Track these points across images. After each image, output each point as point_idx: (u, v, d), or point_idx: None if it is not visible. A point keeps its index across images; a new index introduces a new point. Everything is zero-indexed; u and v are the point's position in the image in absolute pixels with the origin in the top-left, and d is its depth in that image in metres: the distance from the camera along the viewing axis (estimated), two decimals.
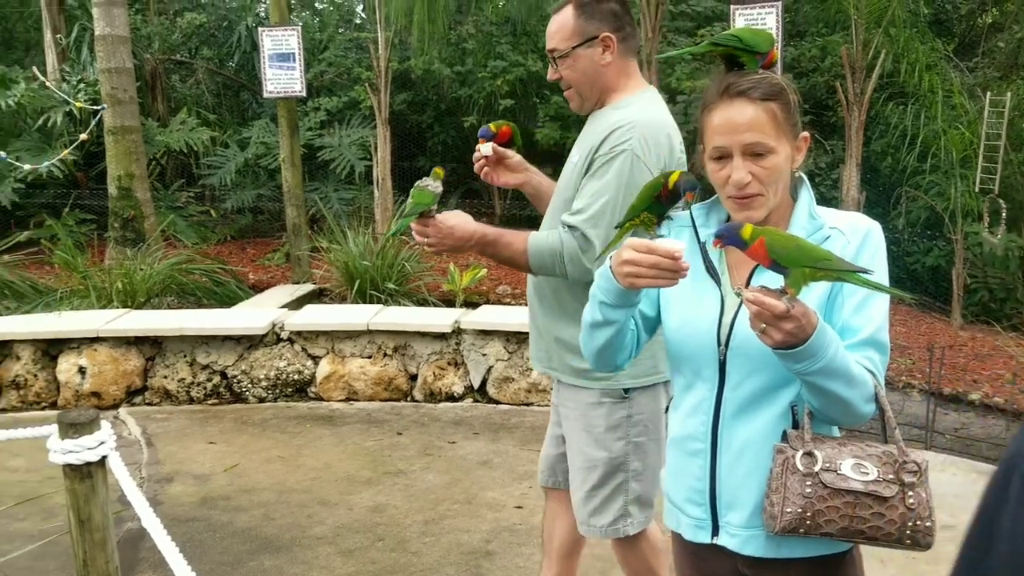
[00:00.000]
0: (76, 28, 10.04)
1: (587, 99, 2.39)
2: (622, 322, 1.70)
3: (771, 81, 1.62)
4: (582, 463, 2.44)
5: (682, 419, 1.76)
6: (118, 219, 7.94)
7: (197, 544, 3.80)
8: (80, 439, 2.23)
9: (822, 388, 1.51)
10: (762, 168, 1.60)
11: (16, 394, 5.68)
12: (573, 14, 2.33)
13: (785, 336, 1.43)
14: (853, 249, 1.63)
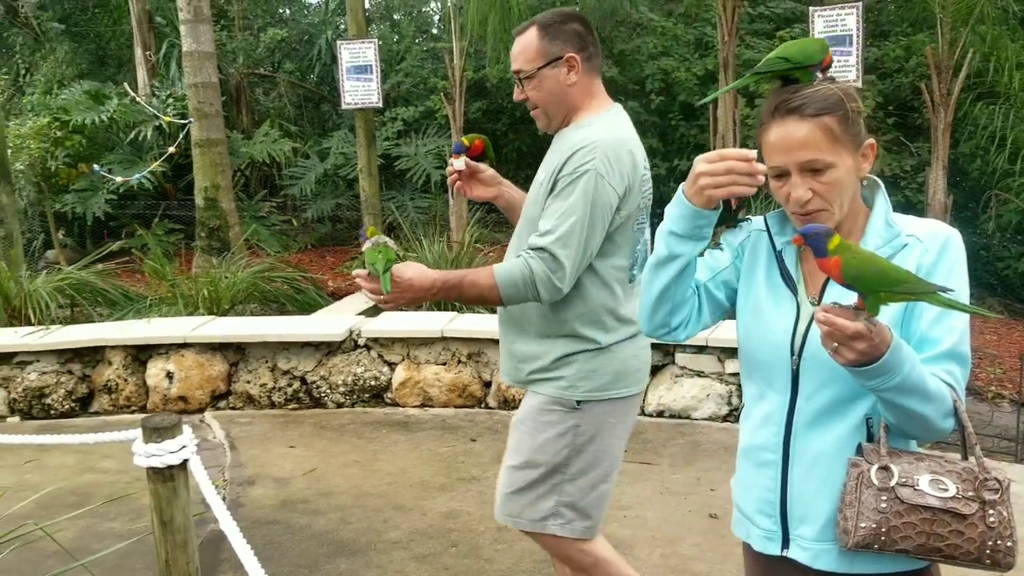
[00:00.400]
0: (165, 45, 10.43)
1: (553, 118, 2.45)
2: (688, 257, 1.66)
3: (825, 94, 1.58)
4: (521, 464, 2.47)
5: (753, 429, 1.73)
6: (204, 229, 8.22)
7: (276, 546, 3.89)
8: (163, 443, 2.32)
9: (897, 404, 1.47)
10: (822, 184, 1.57)
11: (108, 398, 5.92)
12: (537, 35, 2.38)
13: (857, 355, 1.40)
14: (932, 258, 1.58)
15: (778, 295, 1.70)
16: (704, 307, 1.79)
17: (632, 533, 3.88)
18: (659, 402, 5.39)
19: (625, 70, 10.03)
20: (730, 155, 1.53)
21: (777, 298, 1.69)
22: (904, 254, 1.60)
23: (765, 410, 1.70)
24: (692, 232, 1.64)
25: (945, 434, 1.55)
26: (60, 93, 10.06)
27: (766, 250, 1.74)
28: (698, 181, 1.56)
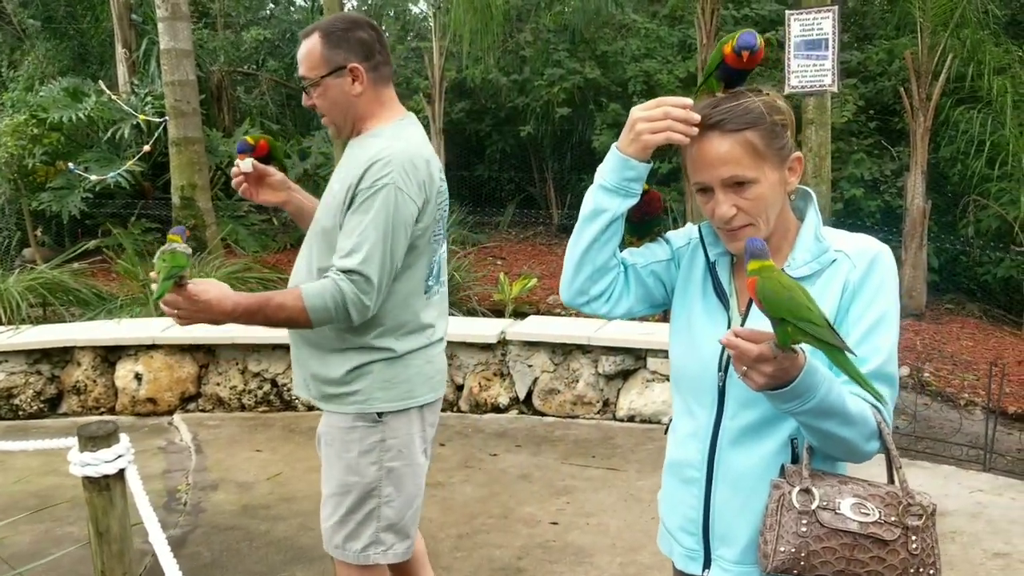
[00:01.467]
0: (145, 42, 10.35)
1: (342, 127, 2.40)
2: (613, 213, 1.61)
3: (747, 107, 1.54)
4: (336, 488, 2.40)
5: (678, 444, 1.70)
6: None
7: (234, 552, 3.84)
8: (98, 452, 2.27)
9: (815, 427, 1.44)
10: (746, 200, 1.53)
11: (77, 399, 5.86)
12: (320, 43, 2.30)
13: (767, 379, 1.36)
14: (859, 275, 1.55)
15: (710, 308, 1.66)
16: (631, 289, 1.73)
17: (593, 541, 3.84)
18: (630, 407, 5.36)
19: (607, 72, 10.00)
20: (667, 101, 1.53)
21: (709, 311, 1.66)
22: (832, 270, 1.57)
23: (691, 426, 1.66)
24: (620, 185, 1.60)
25: (869, 456, 1.52)
26: (40, 90, 9.97)
27: (702, 261, 1.71)
28: (635, 127, 1.54)
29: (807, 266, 1.57)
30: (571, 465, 4.72)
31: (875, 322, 1.52)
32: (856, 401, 1.47)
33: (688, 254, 1.74)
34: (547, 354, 5.57)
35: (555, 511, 4.16)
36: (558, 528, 3.98)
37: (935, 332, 6.97)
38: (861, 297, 1.53)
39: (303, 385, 2.47)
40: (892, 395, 1.54)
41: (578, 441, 5.10)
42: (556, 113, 9.90)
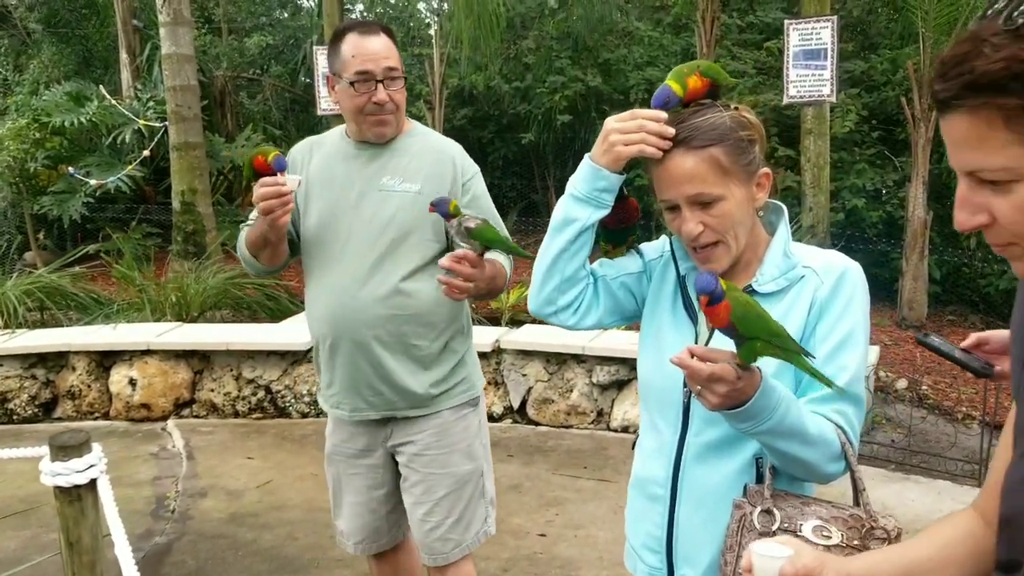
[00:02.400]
0: (148, 47, 10.38)
1: (400, 123, 2.45)
2: (583, 223, 1.60)
3: (713, 123, 1.51)
4: (452, 485, 2.48)
5: (644, 460, 1.68)
6: (181, 233, 8.16)
7: (219, 561, 3.83)
8: (69, 462, 2.25)
9: (774, 447, 1.42)
10: (712, 217, 1.51)
11: (71, 404, 5.86)
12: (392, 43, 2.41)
13: (721, 399, 1.34)
14: (826, 292, 1.52)
15: (678, 323, 1.64)
16: (600, 301, 1.71)
17: (580, 553, 3.81)
18: (624, 417, 5.32)
19: (610, 79, 9.98)
20: (641, 114, 1.52)
21: (677, 326, 1.64)
22: (800, 286, 1.55)
23: (656, 441, 1.64)
24: (591, 196, 1.59)
25: (833, 478, 1.49)
26: (43, 94, 10.01)
27: (672, 275, 1.69)
28: (608, 138, 1.54)
29: (774, 282, 1.55)
30: (562, 476, 4.68)
31: (842, 340, 1.50)
32: (818, 422, 1.44)
33: (660, 267, 1.72)
34: (541, 363, 5.54)
35: (544, 523, 4.12)
36: (546, 540, 3.95)
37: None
38: (828, 314, 1.51)
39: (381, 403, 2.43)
40: (859, 414, 1.52)
41: (571, 451, 5.06)
42: (558, 120, 9.88)
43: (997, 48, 0.85)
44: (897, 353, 6.46)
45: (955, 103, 0.89)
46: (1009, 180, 0.87)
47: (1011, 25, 0.84)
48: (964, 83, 0.87)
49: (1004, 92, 0.85)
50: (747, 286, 1.56)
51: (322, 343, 2.45)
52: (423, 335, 2.41)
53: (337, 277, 2.39)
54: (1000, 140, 0.86)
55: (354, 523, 2.61)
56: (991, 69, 0.85)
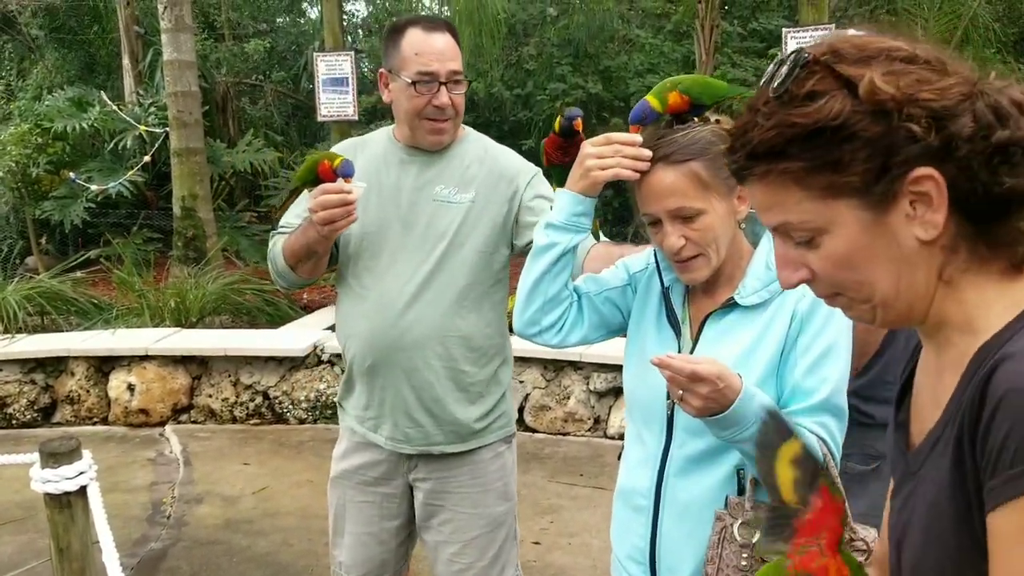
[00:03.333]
0: (151, 53, 10.42)
1: (456, 131, 2.26)
2: (563, 247, 1.64)
3: (694, 138, 1.53)
4: (485, 526, 2.31)
5: (628, 471, 1.69)
6: (181, 238, 8.18)
7: (214, 568, 3.83)
8: (59, 468, 2.26)
9: (753, 457, 1.42)
10: (694, 230, 1.53)
11: (70, 409, 5.87)
12: (455, 41, 2.22)
13: (704, 401, 1.36)
14: (807, 303, 1.53)
15: (662, 335, 1.65)
16: (584, 318, 1.73)
17: (573, 561, 3.81)
18: (621, 425, 5.32)
19: (610, 86, 10.00)
20: (616, 138, 1.56)
21: (661, 338, 1.65)
22: (782, 298, 1.55)
23: (641, 453, 1.65)
24: (569, 222, 1.63)
25: None
26: (46, 100, 10.04)
27: (657, 287, 1.70)
28: (584, 163, 1.58)
29: (756, 295, 1.56)
30: (558, 484, 4.68)
31: (823, 352, 1.51)
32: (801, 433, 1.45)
33: (645, 279, 1.73)
34: (539, 370, 5.55)
35: (539, 531, 4.13)
36: (540, 548, 3.95)
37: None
38: (810, 326, 1.52)
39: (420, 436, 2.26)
40: (841, 427, 1.52)
41: (567, 459, 5.07)
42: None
43: (768, 116, 0.88)
44: None
45: (745, 173, 0.93)
46: (812, 235, 0.90)
47: (776, 93, 0.87)
48: (746, 154, 0.91)
49: (783, 157, 0.88)
50: (729, 299, 1.57)
51: (358, 363, 2.26)
52: (473, 360, 2.23)
53: (382, 293, 2.21)
54: (794, 198, 0.89)
55: (358, 554, 2.39)
56: (765, 138, 0.88)
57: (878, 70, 0.85)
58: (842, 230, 0.88)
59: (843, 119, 0.85)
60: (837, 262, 0.90)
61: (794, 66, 0.88)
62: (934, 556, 0.88)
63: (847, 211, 0.88)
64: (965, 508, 0.82)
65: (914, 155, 0.84)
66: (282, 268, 2.26)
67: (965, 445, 0.82)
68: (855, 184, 0.86)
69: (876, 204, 0.87)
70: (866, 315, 0.93)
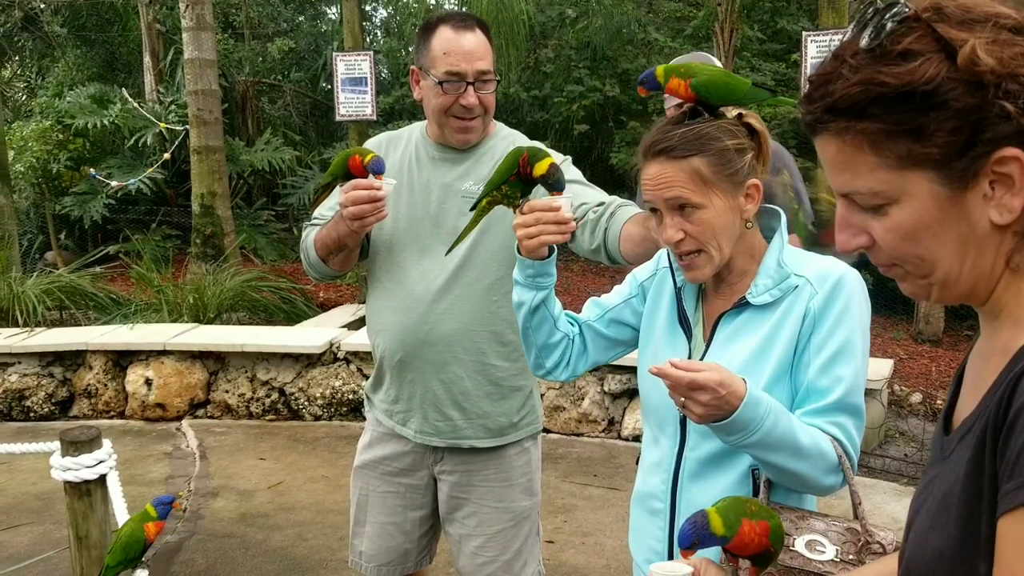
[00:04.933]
0: (172, 51, 10.51)
1: (486, 128, 2.25)
2: (530, 304, 1.68)
3: (697, 133, 1.52)
4: (508, 521, 2.32)
5: (645, 475, 1.69)
6: (199, 235, 8.24)
7: (228, 561, 3.86)
8: (79, 457, 2.29)
9: (765, 460, 1.42)
10: (692, 224, 1.52)
11: (88, 402, 5.92)
12: (486, 38, 2.21)
13: (706, 409, 1.35)
14: (820, 301, 1.51)
15: (674, 337, 1.65)
16: (589, 347, 1.75)
17: (587, 560, 3.81)
18: (635, 426, 5.32)
19: (628, 89, 9.99)
20: (537, 206, 1.62)
21: (673, 340, 1.64)
22: (794, 296, 1.54)
23: (656, 456, 1.65)
24: (527, 281, 1.68)
25: (830, 490, 1.48)
26: (67, 96, 10.14)
27: (669, 287, 1.70)
28: (516, 231, 1.62)
29: (768, 293, 1.55)
30: (572, 483, 4.69)
31: (837, 351, 1.49)
32: (812, 433, 1.44)
33: (655, 283, 1.73)
34: None
35: (552, 530, 4.13)
36: (553, 547, 3.95)
37: (952, 359, 6.87)
38: (823, 325, 1.50)
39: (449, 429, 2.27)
40: (858, 426, 1.51)
41: (581, 459, 5.07)
42: (576, 130, 9.91)
43: (855, 70, 0.83)
44: (912, 367, 6.42)
45: (820, 127, 0.87)
46: (881, 204, 0.86)
47: (868, 46, 0.82)
48: (825, 106, 0.85)
49: (864, 116, 0.83)
50: (741, 298, 1.56)
51: (388, 357, 2.27)
52: (504, 355, 2.25)
53: (411, 289, 2.22)
54: (868, 163, 0.85)
55: (380, 544, 2.40)
56: (849, 93, 0.83)
57: (982, 37, 0.79)
58: (913, 202, 0.84)
59: (935, 85, 0.79)
60: (903, 234, 0.86)
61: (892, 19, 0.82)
62: (935, 543, 0.87)
63: (922, 183, 0.83)
64: (975, 504, 0.82)
65: (1003, 134, 0.79)
66: (314, 259, 2.29)
67: (987, 443, 0.81)
68: (935, 156, 0.81)
69: (954, 180, 0.82)
70: (921, 291, 0.90)
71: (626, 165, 9.49)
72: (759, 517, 1.28)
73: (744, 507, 1.29)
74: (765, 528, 1.28)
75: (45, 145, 8.95)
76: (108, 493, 2.40)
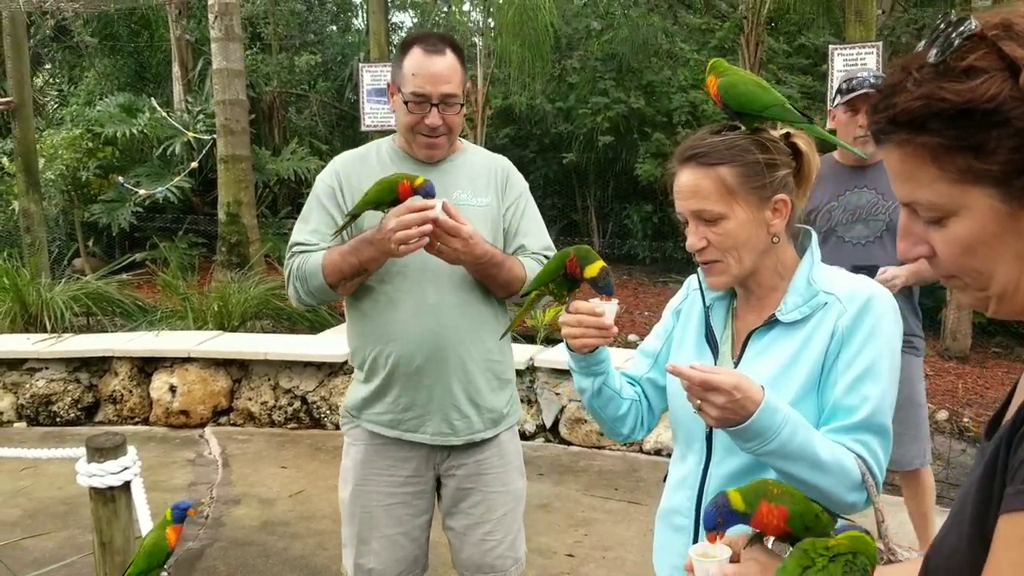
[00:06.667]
0: (200, 62, 10.63)
1: (452, 145, 2.39)
2: (592, 389, 1.68)
3: (729, 143, 1.53)
4: (512, 502, 2.49)
5: (670, 492, 1.69)
6: (225, 243, 8.31)
7: (249, 568, 3.87)
8: (104, 463, 2.31)
9: (784, 471, 1.42)
10: (715, 234, 1.54)
11: (113, 408, 5.97)
12: (457, 61, 2.31)
13: (721, 411, 1.36)
14: (848, 320, 1.51)
15: (701, 353, 1.65)
16: (652, 400, 1.77)
17: (608, 574, 3.79)
18: (657, 440, 5.29)
19: (653, 102, 9.99)
20: (581, 308, 1.62)
21: (699, 356, 1.65)
22: (823, 313, 1.53)
23: (682, 472, 1.65)
24: (583, 370, 1.69)
25: (854, 508, 1.47)
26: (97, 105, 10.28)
27: (699, 306, 1.71)
28: (563, 332, 1.64)
29: (798, 311, 1.55)
30: (593, 497, 4.67)
31: (864, 370, 1.48)
32: (833, 449, 1.44)
33: (687, 305, 1.76)
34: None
35: (572, 543, 4.11)
36: (573, 560, 3.93)
37: (979, 376, 6.78)
38: (851, 344, 1.50)
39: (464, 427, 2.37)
40: (884, 446, 1.49)
41: (602, 472, 5.05)
42: (600, 141, 9.91)
43: (919, 83, 0.83)
44: (939, 384, 6.34)
45: (883, 137, 0.88)
46: (941, 216, 0.86)
47: (934, 60, 0.83)
48: (888, 118, 0.86)
49: (924, 130, 0.83)
50: (771, 316, 1.56)
51: (404, 365, 2.30)
52: (502, 349, 2.42)
53: (421, 295, 2.28)
54: (928, 176, 0.85)
55: (392, 555, 2.42)
56: (910, 107, 0.84)
57: None
58: (972, 216, 0.84)
59: (997, 104, 0.79)
60: (961, 247, 0.86)
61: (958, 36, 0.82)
62: (951, 539, 0.89)
63: (981, 198, 0.83)
64: (986, 503, 0.84)
65: None
66: (317, 285, 2.29)
67: (1002, 448, 0.83)
68: (995, 173, 0.81)
69: (1014, 197, 0.82)
70: (980, 303, 0.90)
71: (650, 176, 9.48)
72: (779, 501, 1.28)
73: (766, 489, 1.30)
74: (783, 513, 1.27)
75: (75, 153, 9.07)
76: (132, 500, 2.41)
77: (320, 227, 2.31)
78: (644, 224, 10.30)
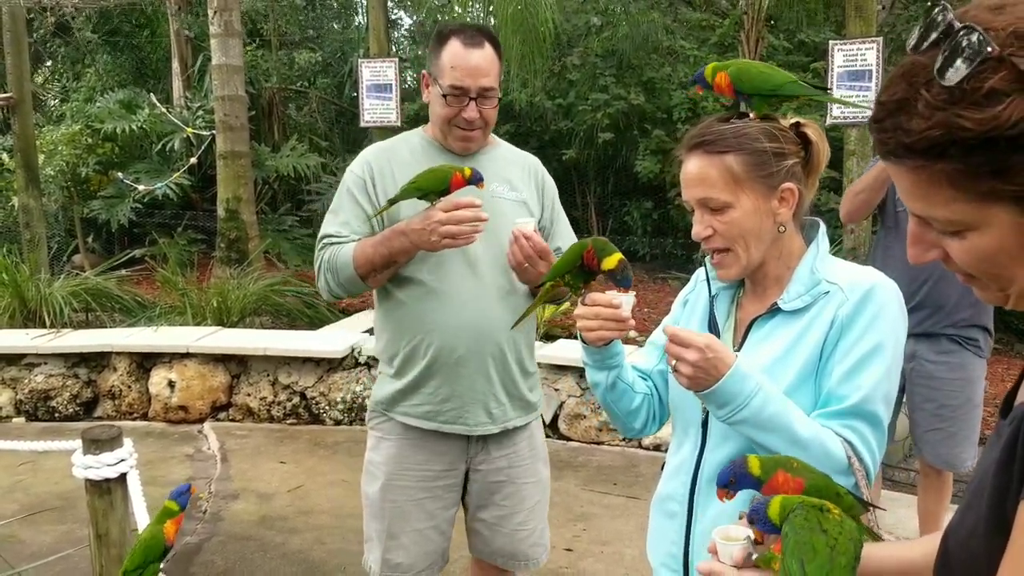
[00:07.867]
0: (200, 58, 10.61)
1: (486, 138, 2.40)
2: (605, 383, 1.68)
3: (737, 131, 1.53)
4: (538, 493, 2.52)
5: (665, 479, 1.70)
6: (224, 239, 8.30)
7: (247, 563, 3.87)
8: (101, 455, 2.30)
9: (760, 444, 1.44)
10: (720, 223, 1.54)
11: (111, 403, 5.97)
12: (495, 53, 2.30)
13: (693, 369, 1.40)
14: (849, 309, 1.50)
15: None
16: (664, 393, 1.77)
17: (606, 569, 3.79)
18: (655, 435, 5.29)
19: (653, 98, 9.97)
20: (599, 300, 1.60)
21: None
22: (824, 302, 1.53)
23: (678, 460, 1.65)
24: (597, 363, 1.69)
25: None
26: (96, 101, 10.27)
27: (705, 295, 1.73)
28: (578, 322, 1.64)
29: (800, 299, 1.55)
30: (592, 492, 4.66)
31: (861, 359, 1.48)
32: (815, 429, 1.45)
33: (694, 295, 1.76)
34: (574, 378, 5.53)
35: (571, 538, 4.11)
36: (572, 555, 3.93)
37: None
38: (850, 332, 1.49)
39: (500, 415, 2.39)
40: (876, 434, 1.49)
41: (601, 468, 5.04)
42: (600, 138, 9.89)
43: (932, 108, 0.79)
44: None
45: (894, 160, 0.84)
46: (958, 230, 0.84)
47: (948, 82, 0.78)
48: (900, 143, 0.82)
49: (942, 158, 0.80)
50: (773, 304, 1.56)
51: (445, 355, 2.30)
52: (530, 338, 2.48)
53: (461, 285, 2.29)
54: (944, 196, 0.82)
55: (421, 550, 2.42)
56: (928, 136, 0.80)
57: None
58: (993, 231, 0.82)
59: (1020, 130, 0.76)
60: (980, 257, 0.84)
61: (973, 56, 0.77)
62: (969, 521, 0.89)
63: (1002, 214, 0.81)
64: (1005, 488, 0.83)
65: None
66: (348, 277, 2.28)
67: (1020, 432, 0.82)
68: (1018, 193, 0.79)
69: None
70: (999, 301, 0.89)
71: (650, 173, 9.47)
72: (798, 473, 1.27)
73: (786, 462, 1.30)
74: (800, 484, 1.26)
75: (74, 149, 9.06)
76: (128, 492, 2.41)
77: (351, 219, 2.30)
78: (644, 221, 10.29)
